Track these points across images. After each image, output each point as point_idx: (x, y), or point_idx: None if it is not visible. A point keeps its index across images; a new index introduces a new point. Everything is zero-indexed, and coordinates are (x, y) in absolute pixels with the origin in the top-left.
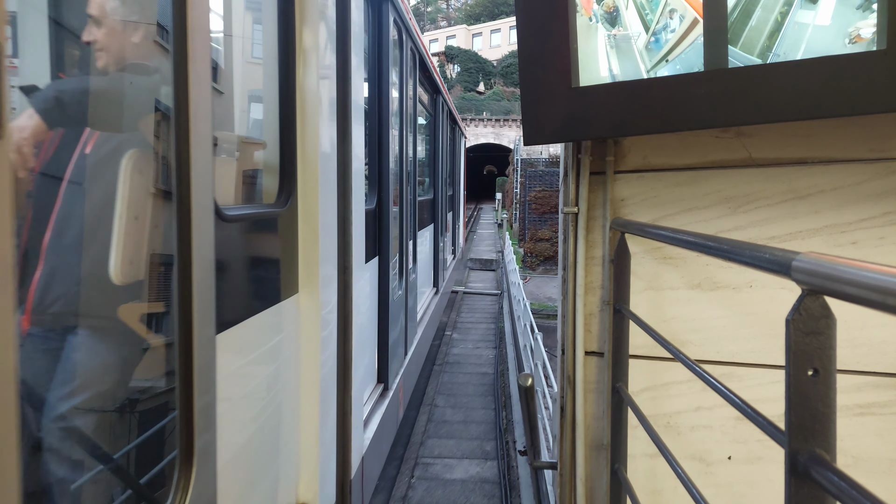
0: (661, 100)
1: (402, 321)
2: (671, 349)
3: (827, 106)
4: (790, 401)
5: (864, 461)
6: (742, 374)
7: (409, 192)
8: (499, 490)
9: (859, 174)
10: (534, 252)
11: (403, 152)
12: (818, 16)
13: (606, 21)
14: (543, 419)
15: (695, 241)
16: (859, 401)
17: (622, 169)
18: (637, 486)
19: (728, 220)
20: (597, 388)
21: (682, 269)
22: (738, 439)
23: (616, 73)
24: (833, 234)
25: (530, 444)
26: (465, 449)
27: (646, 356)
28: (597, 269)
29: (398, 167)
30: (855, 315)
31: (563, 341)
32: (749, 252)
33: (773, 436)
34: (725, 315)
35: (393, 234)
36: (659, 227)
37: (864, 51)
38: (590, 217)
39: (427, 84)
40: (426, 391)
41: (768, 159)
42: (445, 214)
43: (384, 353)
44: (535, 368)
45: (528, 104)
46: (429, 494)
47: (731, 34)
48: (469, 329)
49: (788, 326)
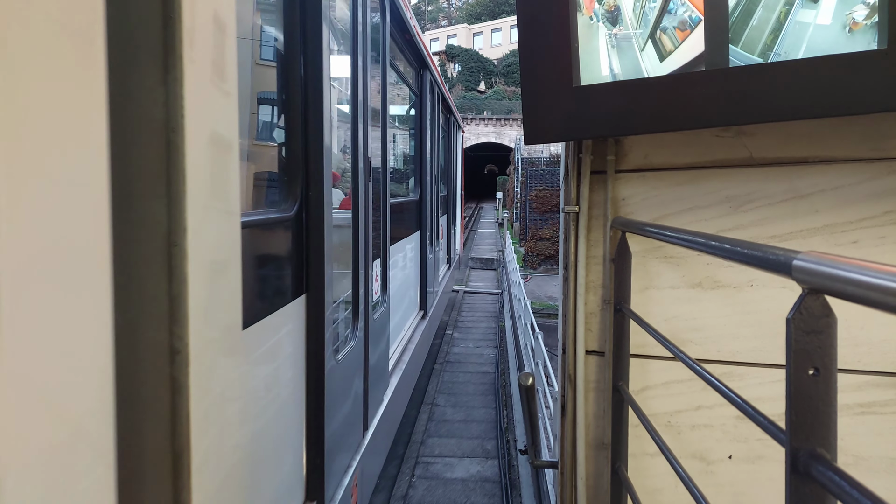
0: (662, 99)
1: (358, 388)
2: (672, 348)
3: (828, 105)
4: (791, 400)
5: (864, 460)
6: (743, 374)
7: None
8: (499, 489)
9: (860, 173)
10: (534, 251)
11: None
12: (819, 15)
13: (607, 20)
14: (544, 418)
15: (695, 241)
16: (860, 400)
17: (623, 168)
18: (638, 485)
19: (729, 220)
20: (597, 387)
21: (682, 268)
22: (739, 438)
23: (617, 72)
24: (834, 233)
25: (531, 443)
26: (465, 448)
27: (646, 355)
28: (598, 269)
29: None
30: (856, 314)
31: (564, 340)
32: (750, 251)
33: (773, 435)
34: (726, 314)
35: (336, 255)
36: (660, 226)
37: (864, 50)
38: (591, 216)
39: (408, 52)
40: (427, 390)
41: (769, 158)
42: (436, 218)
43: (317, 455)
44: (536, 367)
45: (529, 103)
46: (429, 493)
47: (732, 33)
48: (470, 328)
49: (789, 325)
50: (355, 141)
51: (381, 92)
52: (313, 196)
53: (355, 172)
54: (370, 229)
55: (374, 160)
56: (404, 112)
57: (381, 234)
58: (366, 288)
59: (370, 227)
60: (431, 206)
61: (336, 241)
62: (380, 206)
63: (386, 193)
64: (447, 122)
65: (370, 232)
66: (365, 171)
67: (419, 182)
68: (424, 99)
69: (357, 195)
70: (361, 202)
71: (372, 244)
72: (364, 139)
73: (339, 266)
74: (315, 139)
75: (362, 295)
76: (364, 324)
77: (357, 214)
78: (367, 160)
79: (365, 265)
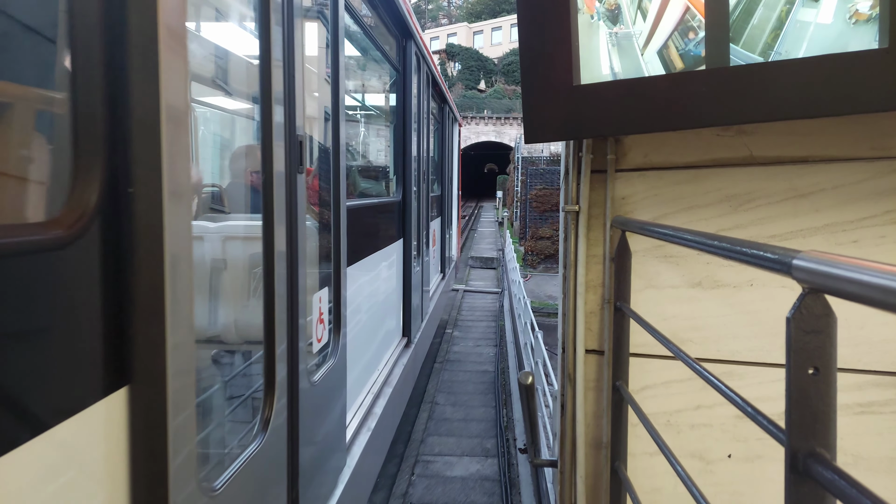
0: (662, 98)
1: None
2: (671, 347)
3: (828, 104)
4: (790, 399)
5: (864, 460)
6: (742, 373)
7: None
8: (499, 488)
9: (860, 173)
10: (534, 250)
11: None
12: (820, 14)
13: (608, 19)
14: (544, 417)
15: (695, 240)
16: (860, 399)
17: (623, 167)
18: (637, 484)
19: (729, 219)
20: (597, 387)
21: (682, 267)
22: (739, 437)
23: (617, 71)
24: (834, 232)
25: (531, 442)
26: (465, 446)
27: (646, 354)
28: (597, 268)
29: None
30: (855, 314)
31: (564, 339)
32: (750, 250)
33: (773, 434)
34: (726, 313)
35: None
36: (660, 225)
37: (866, 48)
38: (591, 215)
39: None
40: (427, 389)
41: (769, 158)
42: (425, 223)
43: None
44: (536, 366)
45: (530, 102)
46: (429, 492)
47: (732, 32)
48: (470, 327)
49: (789, 325)
50: (267, 108)
51: (332, 56)
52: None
53: (267, 155)
54: (305, 246)
55: (317, 144)
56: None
57: (332, 251)
58: (292, 343)
59: (306, 242)
60: (419, 209)
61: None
62: (331, 210)
63: (340, 192)
64: (441, 112)
65: (306, 250)
66: (291, 156)
67: (402, 179)
68: (408, 77)
69: (272, 192)
70: (283, 204)
71: (314, 267)
72: (288, 107)
73: (233, 312)
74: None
75: (285, 354)
76: (290, 400)
77: (271, 224)
78: (297, 140)
79: (291, 306)
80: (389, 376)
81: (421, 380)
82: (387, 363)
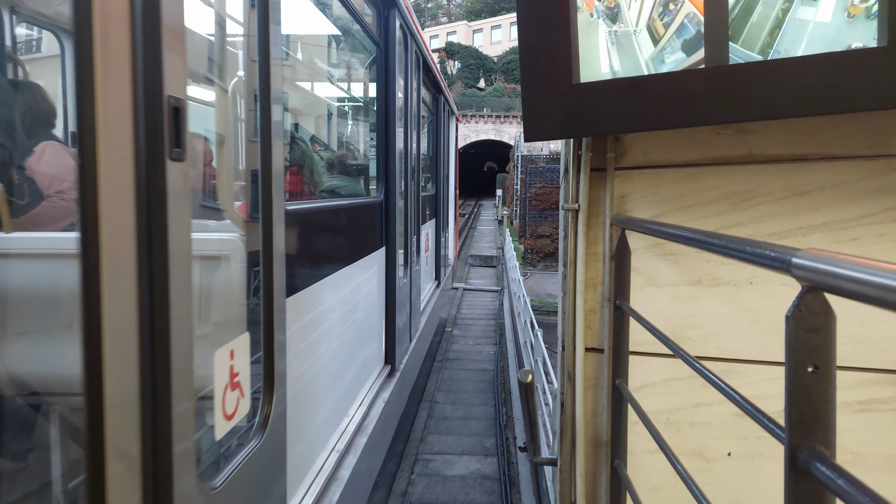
0: (661, 96)
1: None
2: (671, 346)
3: (828, 103)
4: (790, 397)
5: (864, 457)
6: (742, 371)
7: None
8: (499, 486)
9: (860, 171)
10: (534, 248)
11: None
12: (819, 12)
13: (608, 17)
14: (543, 415)
15: (695, 238)
16: (859, 397)
17: (623, 165)
18: (637, 482)
19: (728, 217)
20: (597, 385)
21: (682, 265)
22: (738, 436)
23: (617, 69)
24: (833, 230)
25: (530, 441)
26: (465, 445)
27: (646, 353)
28: (597, 266)
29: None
30: (855, 312)
31: (564, 338)
32: (749, 248)
33: (772, 432)
34: (725, 311)
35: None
36: (659, 223)
37: (864, 45)
38: (590, 213)
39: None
40: (426, 387)
41: (769, 156)
42: (415, 227)
43: None
44: (536, 365)
45: (529, 100)
46: (429, 490)
47: (731, 31)
48: (469, 325)
49: (788, 323)
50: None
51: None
52: None
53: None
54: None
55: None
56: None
57: (261, 276)
58: (159, 435)
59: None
60: (407, 211)
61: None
62: (259, 218)
63: (272, 191)
64: (435, 102)
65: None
66: (153, 132)
67: (384, 177)
68: (390, 55)
69: (96, 192)
70: (129, 209)
71: (219, 304)
72: (145, 47)
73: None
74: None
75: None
76: None
77: (97, 242)
78: (167, 106)
79: (158, 366)
80: (365, 420)
81: (420, 378)
82: (362, 403)
